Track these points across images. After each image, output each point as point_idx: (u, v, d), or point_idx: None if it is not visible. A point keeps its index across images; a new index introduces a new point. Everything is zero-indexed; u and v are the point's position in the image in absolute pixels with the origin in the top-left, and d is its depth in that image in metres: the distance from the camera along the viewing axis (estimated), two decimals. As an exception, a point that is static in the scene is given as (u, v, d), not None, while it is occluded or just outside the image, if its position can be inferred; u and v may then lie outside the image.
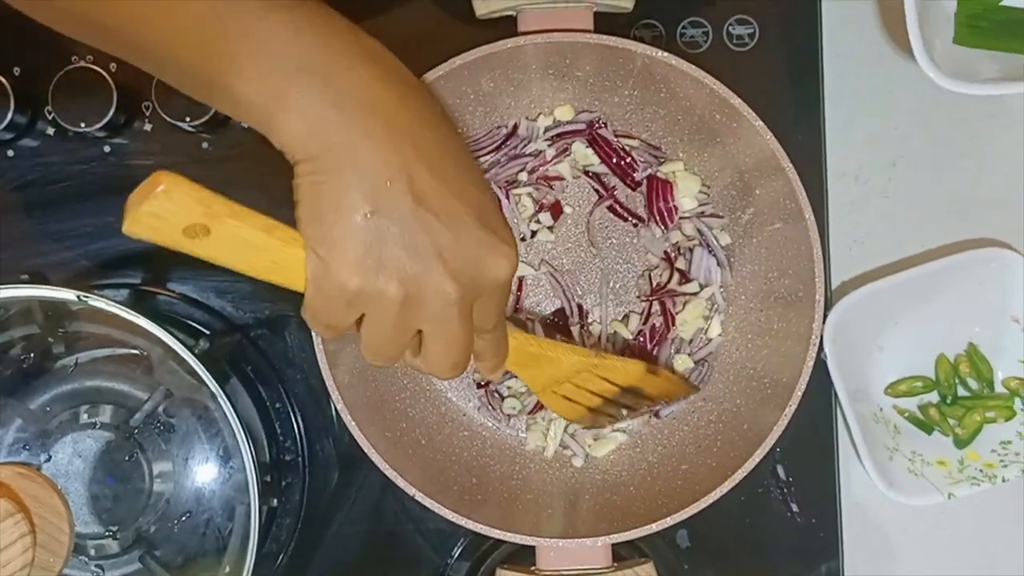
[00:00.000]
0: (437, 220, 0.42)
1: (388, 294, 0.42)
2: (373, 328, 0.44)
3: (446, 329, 0.45)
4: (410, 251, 0.42)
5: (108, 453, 0.62)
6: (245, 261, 0.43)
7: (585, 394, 0.60)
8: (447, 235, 0.42)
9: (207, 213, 0.41)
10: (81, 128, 0.66)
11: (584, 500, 0.65)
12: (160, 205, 0.40)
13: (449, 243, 0.42)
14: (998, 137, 0.70)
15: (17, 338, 0.63)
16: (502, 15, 0.62)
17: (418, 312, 0.44)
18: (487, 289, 0.45)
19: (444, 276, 0.43)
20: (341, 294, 0.42)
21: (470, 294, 0.44)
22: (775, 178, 0.60)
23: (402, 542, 0.68)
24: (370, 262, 0.41)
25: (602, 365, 0.59)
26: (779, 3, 0.69)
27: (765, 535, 0.68)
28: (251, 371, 0.68)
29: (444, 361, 0.46)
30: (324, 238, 0.42)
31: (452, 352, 0.46)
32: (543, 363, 0.57)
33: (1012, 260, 0.66)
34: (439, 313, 0.44)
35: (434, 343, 0.46)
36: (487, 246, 0.43)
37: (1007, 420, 0.68)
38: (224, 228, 0.42)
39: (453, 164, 0.43)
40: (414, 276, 0.42)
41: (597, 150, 0.66)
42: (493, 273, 0.44)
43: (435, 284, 0.43)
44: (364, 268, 0.42)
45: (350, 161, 0.41)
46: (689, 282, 0.66)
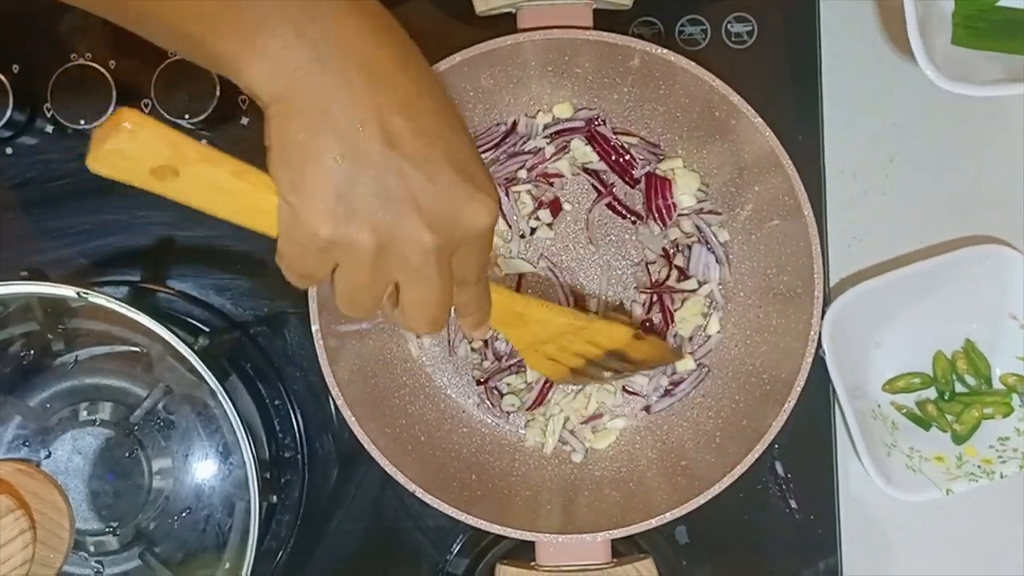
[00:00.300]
0: (411, 166, 0.40)
1: (360, 243, 0.41)
2: (347, 278, 0.43)
3: (423, 281, 0.43)
4: (383, 198, 0.40)
5: (108, 450, 0.62)
6: (216, 205, 0.42)
7: (569, 355, 0.59)
8: (422, 182, 0.41)
9: (175, 155, 0.40)
10: (80, 125, 0.66)
11: (583, 496, 0.65)
12: (124, 144, 0.39)
13: (424, 190, 0.41)
14: (996, 135, 0.70)
15: (17, 335, 0.63)
16: (501, 12, 0.62)
17: (393, 262, 0.42)
18: (466, 240, 0.43)
19: (419, 224, 0.41)
20: (312, 242, 0.41)
21: (447, 245, 0.42)
22: (774, 175, 0.60)
23: (401, 538, 0.68)
24: (341, 209, 0.40)
25: (589, 328, 0.58)
26: (778, 1, 0.69)
27: (764, 531, 0.68)
28: (251, 368, 0.68)
29: (422, 315, 0.45)
30: (294, 184, 0.40)
31: (430, 306, 0.44)
32: (529, 323, 0.56)
33: (1010, 257, 0.66)
34: (415, 264, 0.42)
35: (411, 295, 0.44)
36: (465, 194, 0.42)
37: (1005, 416, 0.68)
38: (193, 171, 0.40)
39: (431, 110, 0.42)
40: (387, 224, 0.41)
41: (596, 147, 0.66)
42: (471, 223, 0.42)
43: (410, 233, 0.41)
44: (335, 216, 0.40)
45: (321, 103, 0.39)
46: (688, 279, 0.66)
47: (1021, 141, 0.70)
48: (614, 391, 0.67)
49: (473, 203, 0.42)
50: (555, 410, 0.67)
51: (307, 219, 0.40)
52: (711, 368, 0.67)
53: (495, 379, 0.67)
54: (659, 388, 0.67)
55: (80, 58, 0.68)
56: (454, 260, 0.44)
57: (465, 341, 0.67)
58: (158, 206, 0.69)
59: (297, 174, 0.40)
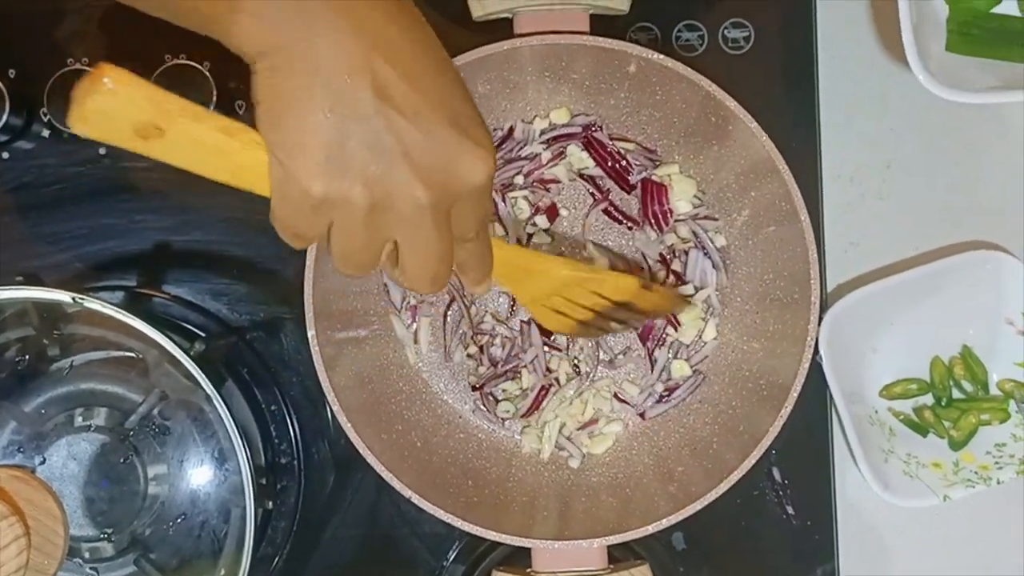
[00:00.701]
0: (404, 119, 0.39)
1: (353, 199, 0.40)
2: (342, 236, 0.42)
3: (420, 237, 0.42)
4: (375, 152, 0.39)
5: (103, 456, 0.62)
6: (204, 164, 0.41)
7: (576, 308, 0.58)
8: (414, 135, 0.39)
9: (159, 112, 0.38)
10: (76, 130, 0.66)
11: (579, 502, 0.65)
12: (106, 101, 0.37)
13: (417, 143, 0.40)
14: (991, 141, 0.70)
15: (12, 340, 0.63)
16: (498, 17, 0.62)
17: (388, 219, 0.41)
18: (462, 194, 0.42)
19: (412, 179, 0.40)
20: (305, 200, 0.40)
21: (443, 199, 0.41)
22: (770, 180, 0.60)
23: (398, 545, 0.68)
24: (332, 165, 0.39)
25: (594, 279, 0.57)
26: (774, 6, 0.69)
27: (761, 537, 0.68)
28: (247, 373, 0.68)
29: (422, 273, 0.44)
30: (283, 140, 0.39)
31: (429, 263, 0.43)
32: (533, 276, 0.55)
33: (1006, 262, 0.66)
34: (411, 220, 0.41)
35: (410, 253, 0.43)
36: (459, 147, 0.41)
37: (1002, 422, 0.68)
38: (179, 128, 0.39)
39: (423, 61, 0.40)
40: (380, 179, 0.40)
41: (592, 153, 0.66)
42: (467, 177, 0.41)
43: (403, 188, 0.40)
44: (327, 172, 0.39)
45: (307, 55, 0.38)
46: (685, 285, 0.66)
47: (1018, 147, 0.70)
48: (609, 398, 0.67)
49: (468, 156, 0.41)
50: (550, 416, 0.66)
51: (298, 176, 0.39)
52: (707, 374, 0.67)
53: (490, 385, 0.67)
54: (654, 394, 0.67)
55: (76, 63, 0.68)
56: (452, 216, 0.43)
57: (461, 346, 0.67)
58: (155, 211, 0.69)
59: (286, 130, 0.39)
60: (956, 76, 0.60)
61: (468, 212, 0.43)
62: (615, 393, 0.67)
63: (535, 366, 0.67)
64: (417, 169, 0.40)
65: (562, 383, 0.67)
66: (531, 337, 0.67)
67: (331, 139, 0.39)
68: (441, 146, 0.40)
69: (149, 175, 0.69)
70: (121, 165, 0.70)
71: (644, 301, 0.59)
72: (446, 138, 0.40)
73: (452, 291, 0.67)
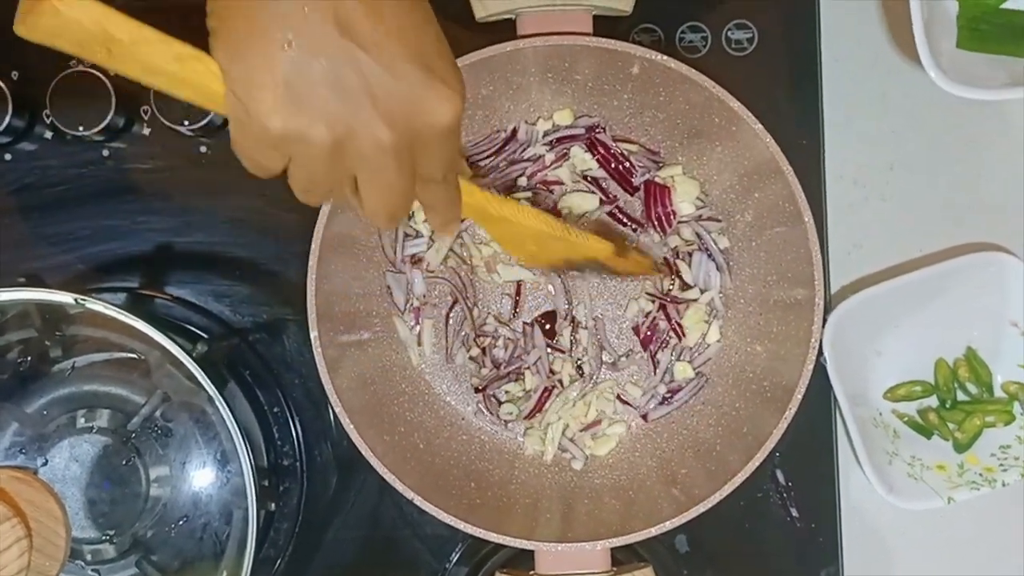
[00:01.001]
0: (366, 54, 0.37)
1: (314, 137, 0.38)
2: (301, 171, 0.41)
3: (381, 177, 0.41)
4: (336, 89, 0.38)
5: (105, 457, 0.62)
6: (159, 84, 0.39)
7: (549, 254, 0.58)
8: (377, 71, 0.38)
9: (106, 36, 0.37)
10: (79, 132, 0.66)
11: (583, 504, 0.65)
12: (48, 22, 0.36)
13: (381, 82, 0.38)
14: (996, 142, 0.70)
15: (14, 341, 0.63)
16: (501, 18, 0.62)
17: (350, 157, 0.40)
18: (427, 136, 0.40)
19: (376, 119, 0.38)
20: (264, 136, 0.39)
21: (407, 140, 0.40)
22: (774, 181, 0.60)
23: (400, 547, 0.68)
24: (292, 101, 0.37)
25: (567, 240, 0.56)
26: (778, 8, 0.69)
27: (764, 540, 0.68)
28: (249, 375, 0.68)
29: (380, 210, 0.43)
30: (241, 76, 0.38)
31: (389, 202, 0.42)
32: (505, 224, 0.54)
33: (1011, 264, 0.66)
34: (372, 159, 0.40)
35: (369, 190, 0.42)
36: (425, 87, 0.39)
37: (1006, 424, 0.68)
38: (128, 54, 0.37)
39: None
40: (342, 117, 0.38)
41: (596, 155, 0.66)
42: (433, 118, 0.40)
43: (366, 127, 0.39)
44: (285, 109, 0.38)
45: None
46: (690, 288, 0.66)
47: (1019, 144, 0.70)
48: (612, 400, 0.67)
49: (434, 96, 0.39)
50: (553, 418, 0.66)
51: (256, 112, 0.38)
52: (710, 376, 0.67)
53: (493, 387, 0.67)
54: (656, 396, 0.67)
55: (79, 65, 0.68)
56: (417, 156, 0.41)
57: (463, 348, 0.67)
58: (157, 212, 0.69)
59: (243, 64, 0.37)
60: (966, 73, 0.60)
61: (434, 153, 0.42)
62: (618, 395, 0.67)
63: (538, 368, 0.66)
64: (380, 108, 0.38)
65: (565, 385, 0.67)
66: (534, 339, 0.67)
67: (291, 74, 0.37)
68: (406, 84, 0.39)
69: (152, 176, 0.69)
70: (124, 167, 0.70)
71: (617, 264, 0.59)
72: (411, 76, 0.39)
73: (455, 292, 0.67)
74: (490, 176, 0.66)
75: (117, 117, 0.67)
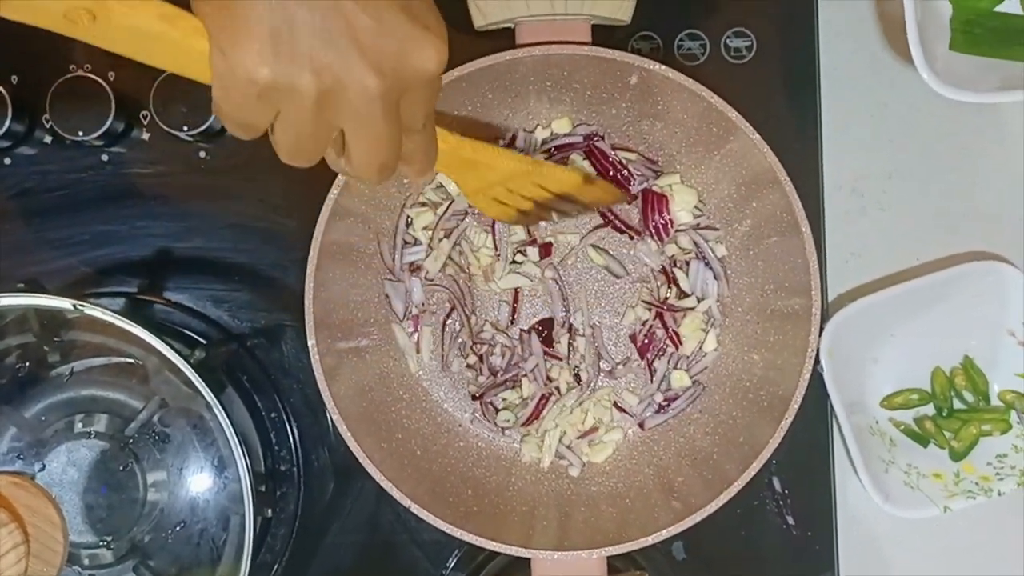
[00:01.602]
0: (353, 3, 0.38)
1: (302, 86, 0.38)
2: (288, 125, 0.40)
3: (369, 127, 0.41)
4: (323, 38, 0.38)
5: (103, 462, 0.62)
6: (143, 52, 0.39)
7: (517, 198, 0.58)
8: (365, 20, 0.38)
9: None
10: (79, 137, 0.66)
11: (580, 512, 0.65)
12: None
13: (368, 30, 0.38)
14: (994, 150, 0.70)
15: (12, 346, 0.63)
16: (500, 27, 0.62)
17: (337, 108, 0.40)
18: (413, 83, 0.40)
19: (364, 67, 0.39)
20: (250, 87, 0.38)
21: (394, 88, 0.40)
22: (772, 191, 0.60)
23: (397, 553, 0.68)
24: (279, 51, 0.37)
25: (537, 172, 0.57)
26: (776, 16, 0.69)
27: (761, 548, 0.68)
28: (247, 381, 0.68)
29: (369, 162, 0.43)
30: (225, 25, 0.38)
31: (378, 152, 0.42)
32: (478, 168, 0.54)
33: (1008, 273, 0.66)
34: (360, 109, 0.40)
35: (357, 142, 0.42)
36: (411, 35, 0.39)
37: (1003, 433, 0.68)
38: (112, 16, 0.37)
39: None
40: (329, 66, 0.38)
41: (594, 163, 0.66)
42: (419, 65, 0.40)
43: (354, 76, 0.39)
44: (273, 58, 0.38)
45: None
46: (687, 297, 0.66)
47: (1017, 152, 0.70)
48: (609, 407, 0.67)
49: (421, 45, 0.40)
50: (551, 425, 0.66)
51: (242, 63, 0.38)
52: (707, 385, 0.67)
53: (490, 394, 0.67)
54: (653, 404, 0.67)
55: (79, 69, 0.68)
56: (401, 105, 0.41)
57: (460, 356, 0.67)
58: (156, 217, 0.69)
59: (229, 15, 0.38)
60: (960, 77, 0.60)
61: (418, 102, 0.42)
62: (615, 402, 0.67)
63: (535, 375, 0.67)
64: (368, 56, 0.39)
65: (563, 392, 0.67)
66: (531, 346, 0.67)
67: (277, 24, 0.37)
68: (392, 33, 0.39)
69: (151, 181, 0.69)
70: (123, 171, 0.70)
71: (584, 194, 0.59)
72: (398, 25, 0.39)
73: (452, 300, 0.67)
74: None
75: (116, 122, 0.67)
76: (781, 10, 0.69)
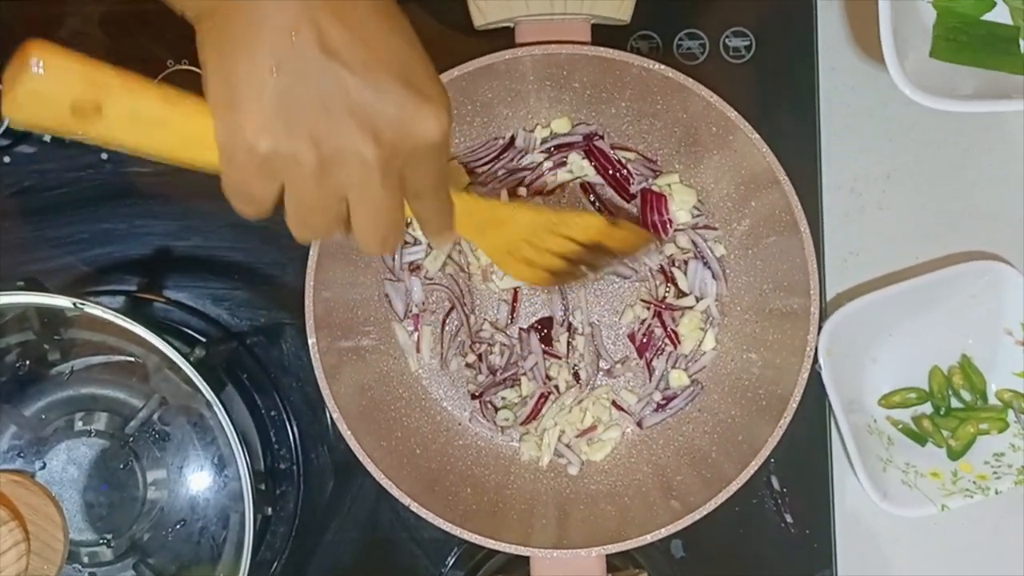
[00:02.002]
0: (351, 74, 0.39)
1: (302, 156, 0.39)
2: (293, 196, 0.41)
3: (369, 196, 0.41)
4: (322, 108, 0.39)
5: (103, 460, 0.62)
6: (149, 140, 0.40)
7: (546, 255, 0.57)
8: (362, 91, 0.39)
9: (95, 87, 0.37)
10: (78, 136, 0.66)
11: (579, 510, 0.65)
12: (36, 83, 0.36)
13: (365, 100, 0.39)
14: (991, 150, 0.70)
15: (12, 345, 0.63)
16: (500, 27, 0.62)
17: (338, 177, 0.40)
18: (415, 152, 0.41)
19: (361, 136, 0.39)
20: (251, 158, 0.39)
21: (393, 157, 0.41)
22: (770, 190, 0.61)
23: (397, 550, 0.68)
24: (279, 122, 0.39)
25: (560, 221, 0.56)
26: (776, 16, 0.69)
27: (759, 546, 0.68)
28: (247, 379, 0.68)
29: (371, 232, 0.43)
30: (229, 100, 0.39)
31: (378, 222, 0.43)
32: (498, 226, 0.54)
33: (1005, 273, 0.66)
34: (360, 178, 0.41)
35: (357, 212, 0.42)
36: (411, 104, 0.40)
37: (1000, 432, 0.68)
38: (118, 103, 0.38)
39: (371, 14, 0.40)
40: (328, 135, 0.39)
41: (593, 162, 0.66)
42: (418, 134, 0.41)
43: (351, 145, 0.40)
44: (274, 128, 0.39)
45: (250, 15, 0.38)
46: (685, 296, 0.66)
47: (1015, 152, 0.70)
48: (608, 406, 0.67)
49: (420, 113, 0.40)
50: (550, 423, 0.67)
51: (245, 134, 0.39)
52: (705, 384, 0.67)
53: (489, 393, 0.67)
54: (651, 403, 0.67)
55: (79, 68, 0.68)
56: (407, 173, 0.42)
57: (459, 355, 0.67)
58: (156, 215, 0.69)
59: (232, 89, 0.38)
60: (939, 83, 0.59)
61: (423, 169, 0.43)
62: (613, 400, 0.67)
63: (535, 374, 0.67)
64: (365, 126, 0.39)
65: (562, 391, 0.67)
66: (531, 345, 0.67)
67: (278, 96, 0.38)
68: (391, 102, 0.40)
69: (151, 180, 0.69)
70: (123, 170, 0.70)
71: (612, 239, 0.59)
72: (396, 94, 0.40)
73: (452, 299, 0.67)
74: (489, 185, 0.66)
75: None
76: (780, 10, 0.69)
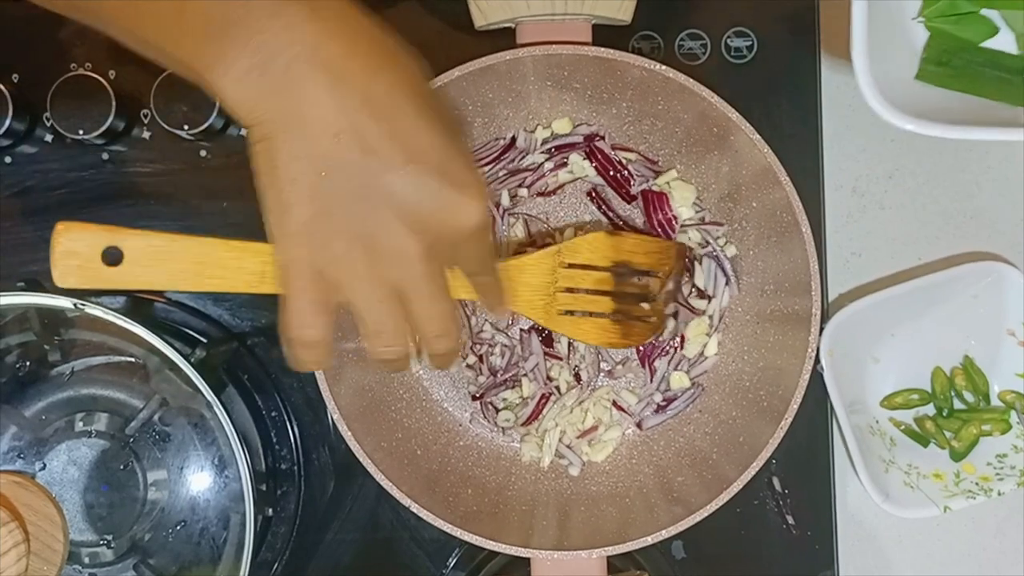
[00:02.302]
0: (390, 172, 0.41)
1: (350, 258, 0.42)
2: (356, 301, 0.43)
3: (417, 287, 0.43)
4: (366, 208, 0.41)
5: (103, 461, 0.62)
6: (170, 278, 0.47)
7: (585, 297, 0.59)
8: (401, 187, 0.41)
9: (111, 232, 0.45)
10: (79, 135, 0.66)
11: (579, 511, 0.65)
12: (66, 241, 0.45)
13: (404, 196, 0.41)
14: (994, 151, 0.70)
15: (13, 345, 0.63)
16: (501, 27, 0.62)
17: (388, 273, 0.42)
18: (456, 239, 0.43)
19: (401, 231, 0.41)
20: (304, 269, 0.42)
21: (436, 248, 0.43)
22: (772, 191, 0.60)
23: (398, 551, 0.68)
24: (323, 224, 0.41)
25: (564, 249, 0.59)
26: (777, 16, 0.69)
27: (761, 547, 0.68)
28: (247, 379, 0.68)
29: (429, 329, 0.45)
30: (273, 208, 0.41)
31: (432, 315, 0.45)
32: (522, 283, 0.57)
33: (1008, 273, 0.66)
34: (405, 272, 0.43)
35: (412, 307, 0.44)
36: (447, 194, 0.42)
37: (1003, 433, 0.68)
38: (135, 242, 0.46)
39: (407, 113, 0.41)
40: (371, 233, 0.41)
41: (594, 162, 0.66)
42: (457, 223, 0.42)
43: (393, 240, 0.42)
44: (318, 231, 0.41)
45: (294, 123, 0.39)
46: (702, 297, 0.66)
47: (1020, 157, 0.70)
48: (609, 407, 0.67)
49: (459, 205, 0.42)
50: (551, 424, 0.66)
51: (292, 244, 0.41)
52: (706, 386, 0.67)
53: (490, 394, 0.67)
54: (652, 404, 0.67)
55: (80, 68, 0.68)
56: (455, 258, 0.45)
57: (459, 356, 0.67)
58: (157, 216, 0.69)
59: (283, 202, 0.41)
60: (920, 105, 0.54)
61: (469, 253, 0.46)
62: (613, 401, 0.67)
63: (536, 374, 0.67)
64: (406, 221, 0.42)
65: (562, 392, 0.67)
66: (531, 345, 0.67)
67: (324, 200, 0.40)
68: (428, 196, 0.41)
69: (152, 180, 0.69)
70: (124, 170, 0.70)
71: (629, 254, 0.60)
72: (433, 186, 0.41)
73: (453, 299, 0.67)
74: (490, 187, 0.66)
75: (117, 120, 0.67)
76: (782, 10, 0.69)
